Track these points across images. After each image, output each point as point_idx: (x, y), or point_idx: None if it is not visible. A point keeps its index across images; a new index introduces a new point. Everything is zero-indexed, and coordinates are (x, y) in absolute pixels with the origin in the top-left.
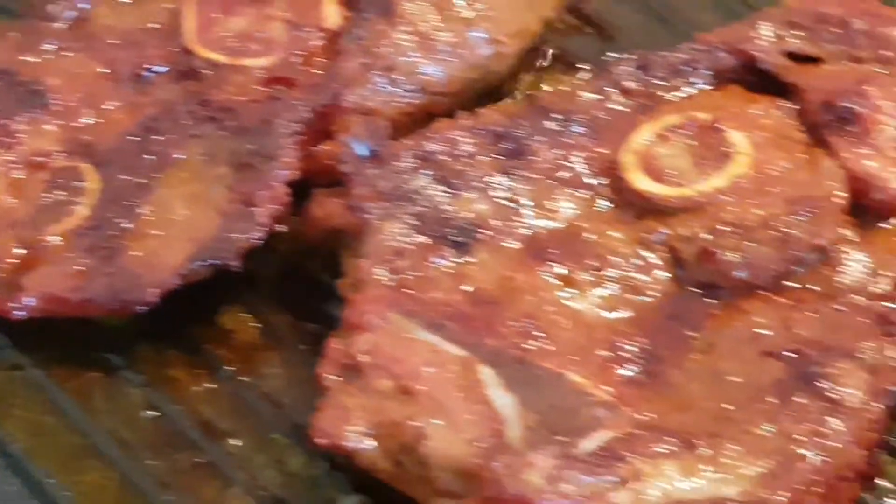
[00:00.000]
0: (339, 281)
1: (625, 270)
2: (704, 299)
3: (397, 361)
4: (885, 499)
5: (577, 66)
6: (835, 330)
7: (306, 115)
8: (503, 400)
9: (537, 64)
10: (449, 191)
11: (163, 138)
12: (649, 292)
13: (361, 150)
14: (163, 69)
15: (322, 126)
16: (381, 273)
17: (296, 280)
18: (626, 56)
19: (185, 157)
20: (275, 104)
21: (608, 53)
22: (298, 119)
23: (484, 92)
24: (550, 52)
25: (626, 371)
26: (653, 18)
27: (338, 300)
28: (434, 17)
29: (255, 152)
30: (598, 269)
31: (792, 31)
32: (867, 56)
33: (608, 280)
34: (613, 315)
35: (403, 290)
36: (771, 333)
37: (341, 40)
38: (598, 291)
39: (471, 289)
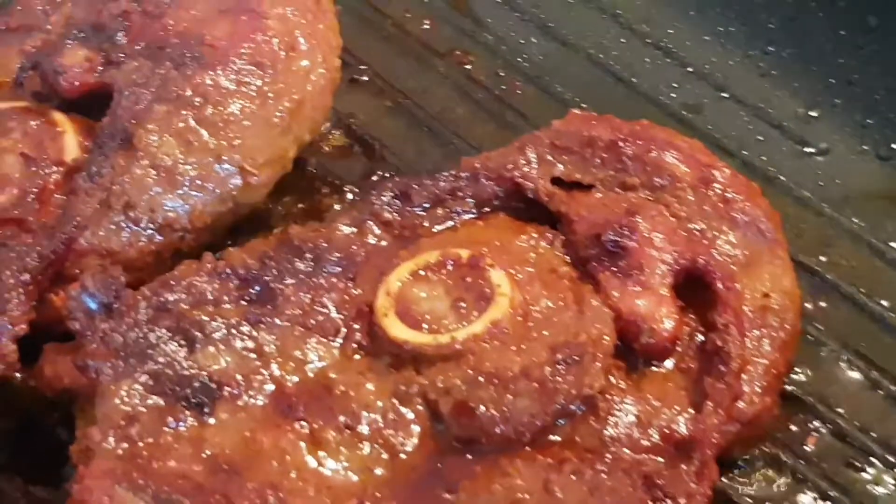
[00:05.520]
0: (71, 446)
1: (379, 427)
2: (464, 456)
3: None
4: None
5: (343, 188)
6: (597, 494)
7: (35, 263)
8: None
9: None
10: (188, 345)
11: None
12: (405, 450)
13: (92, 303)
14: None
15: (56, 271)
16: (110, 442)
17: (31, 436)
18: (387, 182)
19: None
20: (2, 252)
21: (376, 173)
22: (27, 268)
23: (237, 223)
24: (313, 172)
25: None
26: (423, 133)
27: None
28: (177, 149)
29: None
30: (350, 427)
31: (559, 156)
32: (639, 183)
33: (360, 438)
34: (365, 477)
35: (135, 460)
36: (530, 498)
37: (78, 176)
38: (349, 452)
39: (209, 455)
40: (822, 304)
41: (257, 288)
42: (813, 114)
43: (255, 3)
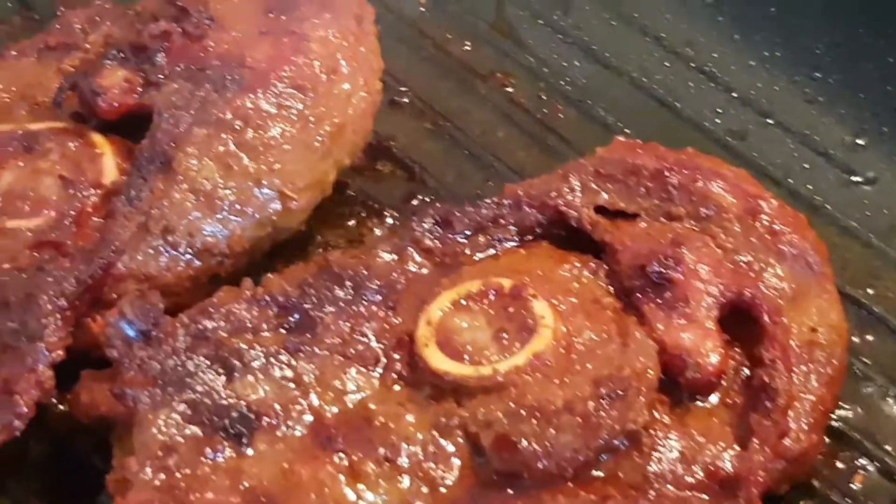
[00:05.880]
0: (107, 476)
1: (418, 459)
2: (505, 491)
3: None
4: None
5: (383, 212)
6: None
7: (73, 288)
8: None
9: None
10: (227, 374)
11: None
12: (445, 483)
13: (131, 330)
14: None
15: (94, 295)
16: (147, 473)
17: (65, 462)
18: (428, 209)
19: None
20: (40, 276)
21: (416, 197)
22: (65, 293)
23: (276, 247)
24: (353, 195)
25: None
26: (464, 156)
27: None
28: (217, 173)
29: (16, 331)
30: (389, 459)
31: (603, 184)
32: (684, 213)
33: (400, 471)
34: None
35: (172, 491)
36: None
37: (116, 199)
38: (388, 485)
39: (247, 487)
40: (869, 337)
41: (296, 316)
42: (860, 142)
43: (296, 25)
